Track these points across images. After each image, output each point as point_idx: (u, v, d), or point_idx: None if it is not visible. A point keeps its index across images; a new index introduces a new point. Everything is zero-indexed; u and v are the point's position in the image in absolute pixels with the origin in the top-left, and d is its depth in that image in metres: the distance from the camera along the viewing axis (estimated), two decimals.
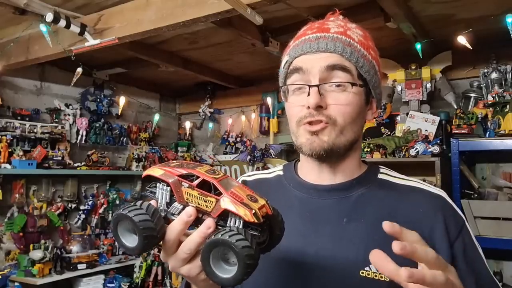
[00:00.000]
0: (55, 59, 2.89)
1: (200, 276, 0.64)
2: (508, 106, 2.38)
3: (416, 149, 2.54)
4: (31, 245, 2.99)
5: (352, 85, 0.80)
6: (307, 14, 2.28)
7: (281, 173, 0.98)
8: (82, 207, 3.60)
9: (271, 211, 0.63)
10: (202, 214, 0.63)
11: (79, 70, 2.72)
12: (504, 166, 2.77)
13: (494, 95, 2.54)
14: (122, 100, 3.69)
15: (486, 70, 2.66)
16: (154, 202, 0.66)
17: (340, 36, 0.82)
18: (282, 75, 0.90)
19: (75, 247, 3.34)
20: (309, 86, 0.80)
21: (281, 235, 0.68)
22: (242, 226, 0.59)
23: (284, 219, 0.68)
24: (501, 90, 2.57)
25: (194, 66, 3.49)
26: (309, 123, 0.81)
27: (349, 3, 2.29)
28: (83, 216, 3.59)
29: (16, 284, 2.95)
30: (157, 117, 4.25)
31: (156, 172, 0.66)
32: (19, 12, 2.37)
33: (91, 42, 2.36)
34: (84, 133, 3.61)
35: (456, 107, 2.79)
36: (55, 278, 3.02)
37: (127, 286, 3.47)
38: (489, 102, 2.55)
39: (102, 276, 3.41)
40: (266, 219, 0.61)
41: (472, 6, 2.30)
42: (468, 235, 0.83)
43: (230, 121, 4.22)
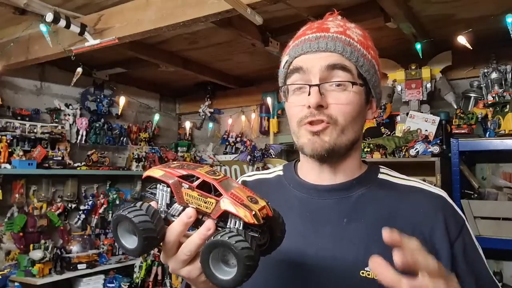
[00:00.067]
0: (55, 59, 2.89)
1: (200, 277, 0.64)
2: (508, 106, 2.37)
3: (416, 149, 2.54)
4: (31, 245, 2.99)
5: (353, 84, 0.80)
6: (307, 14, 2.28)
7: (281, 173, 0.98)
8: (82, 207, 3.60)
9: (272, 213, 0.62)
10: (202, 216, 0.63)
11: (79, 70, 2.72)
12: (504, 166, 2.77)
13: (494, 95, 2.54)
14: (122, 100, 3.70)
15: (486, 70, 2.66)
16: (154, 203, 0.65)
17: (340, 35, 0.82)
18: (282, 75, 0.90)
19: (75, 247, 3.34)
20: (309, 86, 0.80)
21: (282, 237, 0.67)
22: (242, 228, 0.59)
23: (284, 219, 0.67)
24: (501, 90, 2.56)
25: (194, 66, 3.49)
26: (310, 124, 0.81)
27: (349, 3, 2.29)
28: (83, 216, 3.59)
29: (16, 284, 2.95)
30: (157, 117, 4.25)
31: (156, 173, 0.66)
32: (19, 12, 2.36)
33: (91, 42, 2.35)
34: (84, 133, 3.61)
35: (456, 107, 2.79)
36: (55, 278, 3.02)
37: (127, 286, 3.47)
38: (489, 102, 2.55)
39: (102, 276, 3.40)
40: (266, 220, 0.61)
41: (472, 6, 2.30)
42: (469, 235, 0.83)
43: (230, 121, 4.22)
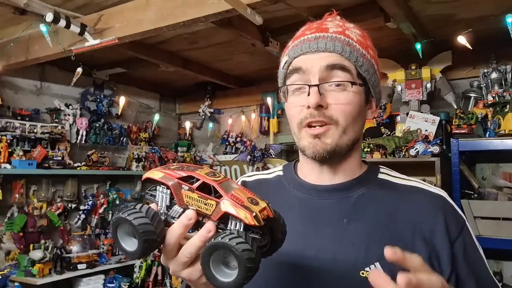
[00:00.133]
0: (55, 59, 2.89)
1: (201, 279, 0.64)
2: (508, 106, 2.37)
3: (416, 149, 2.54)
4: (31, 245, 2.99)
5: (352, 84, 0.80)
6: (307, 14, 2.28)
7: (281, 173, 0.98)
8: (82, 207, 3.60)
9: (273, 214, 0.62)
10: (203, 217, 0.62)
11: (79, 70, 2.72)
12: (504, 166, 2.77)
13: (494, 95, 2.54)
14: (122, 100, 3.69)
15: (486, 70, 2.66)
16: (154, 205, 0.65)
17: (339, 35, 0.82)
18: (281, 76, 0.90)
19: (75, 247, 3.34)
20: (309, 86, 0.80)
21: (282, 238, 0.67)
22: (243, 229, 0.59)
23: (284, 220, 0.67)
24: (501, 90, 2.56)
25: (194, 66, 3.48)
26: (309, 126, 0.81)
27: (349, 3, 2.29)
28: (83, 216, 3.59)
29: (16, 284, 2.95)
30: (157, 117, 4.25)
31: (155, 175, 0.65)
32: (19, 12, 2.36)
33: (91, 42, 2.35)
34: (84, 133, 3.61)
35: (456, 107, 2.79)
36: (55, 278, 3.01)
37: (127, 286, 3.47)
38: (489, 102, 2.55)
39: (102, 276, 3.40)
40: (267, 222, 0.60)
41: (472, 6, 2.30)
42: (469, 235, 0.83)
43: (230, 121, 4.22)
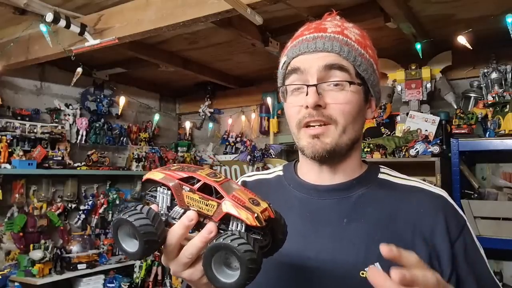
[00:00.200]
0: (55, 59, 2.89)
1: (202, 280, 0.64)
2: (508, 106, 2.37)
3: (416, 149, 2.54)
4: (31, 245, 2.99)
5: (350, 83, 0.80)
6: (307, 14, 2.28)
7: (281, 173, 0.98)
8: (82, 207, 3.60)
9: (274, 215, 0.62)
10: (204, 218, 0.62)
11: (79, 70, 2.71)
12: (504, 166, 2.77)
13: (494, 95, 2.54)
14: (122, 100, 3.69)
15: (486, 70, 2.66)
16: (154, 206, 0.65)
17: (337, 35, 0.82)
18: (280, 76, 0.90)
19: (75, 247, 3.34)
20: (307, 86, 0.80)
21: (283, 238, 0.67)
22: (244, 230, 0.59)
23: (284, 219, 0.67)
24: (501, 90, 2.56)
25: (194, 66, 3.48)
26: (307, 126, 0.82)
27: (349, 3, 2.29)
28: (83, 216, 3.58)
29: (16, 284, 2.95)
30: (157, 117, 4.25)
31: (156, 176, 0.65)
32: (19, 12, 2.36)
33: (91, 42, 2.35)
34: (84, 133, 3.61)
35: (456, 107, 2.79)
36: (55, 278, 3.01)
37: (127, 286, 3.47)
38: (489, 102, 2.55)
39: (102, 276, 3.40)
40: (268, 222, 0.60)
41: (472, 6, 2.30)
42: (470, 235, 0.82)
43: (230, 121, 4.22)
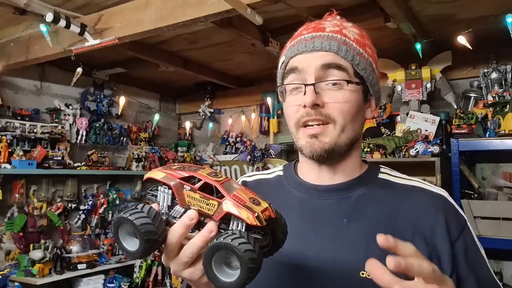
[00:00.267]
0: (55, 59, 2.89)
1: (202, 279, 0.64)
2: (508, 106, 2.37)
3: (416, 149, 2.54)
4: (31, 245, 2.99)
5: (348, 82, 0.80)
6: (307, 14, 2.28)
7: (281, 173, 0.98)
8: (82, 207, 3.59)
9: (274, 214, 0.62)
10: (204, 218, 0.62)
11: (79, 70, 2.71)
12: (504, 166, 2.77)
13: (494, 95, 2.54)
14: (122, 100, 3.69)
15: (486, 70, 2.66)
16: (155, 205, 0.65)
17: (335, 35, 0.82)
18: (279, 76, 0.90)
19: (75, 247, 3.33)
20: (305, 85, 0.80)
21: (284, 238, 0.67)
22: (245, 230, 0.59)
23: (285, 219, 0.67)
24: (501, 90, 2.56)
25: (194, 66, 3.48)
26: (305, 126, 0.82)
27: (349, 3, 2.29)
28: (83, 216, 3.58)
29: (16, 284, 2.95)
30: (157, 117, 4.25)
31: (157, 175, 0.65)
32: (19, 12, 2.36)
33: (91, 42, 2.35)
34: (84, 133, 3.61)
35: (456, 107, 2.79)
36: (55, 278, 3.01)
37: (127, 286, 3.47)
38: (489, 102, 2.55)
39: (102, 276, 3.40)
40: (269, 222, 0.60)
41: (472, 6, 2.30)
42: (470, 235, 0.82)
43: (230, 121, 4.22)
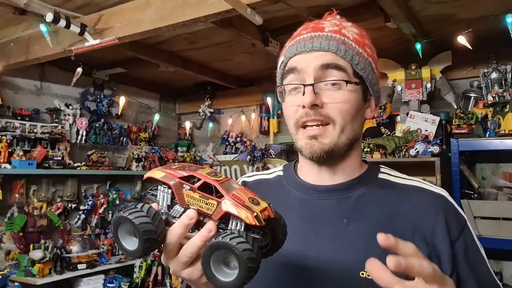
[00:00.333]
0: (55, 59, 2.89)
1: (201, 279, 0.64)
2: (508, 106, 2.37)
3: (416, 149, 2.54)
4: (31, 245, 2.99)
5: (347, 82, 0.80)
6: (307, 14, 2.27)
7: (281, 173, 0.98)
8: (82, 207, 3.59)
9: (273, 214, 0.62)
10: (204, 217, 0.62)
11: (79, 70, 2.71)
12: (504, 166, 2.77)
13: (494, 95, 2.54)
14: (122, 100, 3.70)
15: (486, 70, 2.66)
16: (155, 204, 0.65)
17: (334, 34, 0.82)
18: (278, 76, 0.90)
19: (75, 247, 3.33)
20: (304, 86, 0.80)
21: (283, 238, 0.67)
22: (244, 229, 0.59)
23: (284, 219, 0.67)
24: (501, 90, 2.56)
25: (194, 66, 3.48)
26: (305, 127, 0.82)
27: (349, 3, 2.29)
28: (83, 216, 3.58)
29: (16, 284, 2.95)
30: (157, 117, 4.25)
31: (157, 175, 0.65)
32: (19, 12, 2.36)
33: (91, 42, 2.35)
34: (84, 133, 3.61)
35: (456, 107, 2.79)
36: (55, 278, 3.01)
37: (127, 286, 3.46)
38: (489, 102, 2.55)
39: (102, 276, 3.40)
40: (268, 222, 0.60)
41: (472, 6, 2.30)
42: (470, 235, 0.82)
43: (230, 121, 4.22)
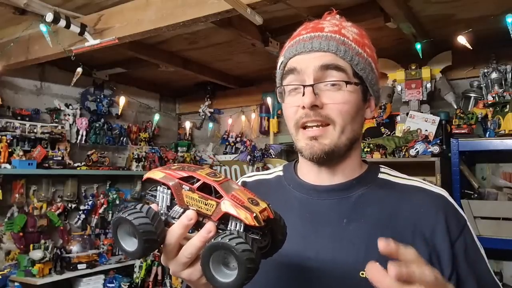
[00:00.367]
0: (55, 59, 2.89)
1: (201, 280, 0.63)
2: (508, 106, 2.37)
3: (416, 149, 2.54)
4: (31, 245, 2.99)
5: (347, 83, 0.80)
6: (307, 14, 2.27)
7: (281, 173, 0.98)
8: (82, 207, 3.60)
9: (273, 215, 0.62)
10: (203, 218, 0.62)
11: (79, 70, 2.71)
12: (504, 166, 2.77)
13: (494, 95, 2.54)
14: (122, 100, 3.70)
15: (486, 70, 2.66)
16: (154, 205, 0.65)
17: (334, 35, 0.82)
18: (278, 76, 0.89)
19: (75, 247, 3.34)
20: (303, 86, 0.80)
21: (283, 239, 0.66)
22: (243, 230, 0.58)
23: (284, 219, 0.67)
24: (501, 90, 2.56)
25: (194, 66, 3.48)
26: (304, 128, 0.82)
27: (349, 3, 2.29)
28: (83, 216, 3.58)
29: (16, 284, 2.95)
30: (157, 117, 4.25)
31: (156, 175, 0.65)
32: (19, 12, 2.36)
33: (91, 42, 2.35)
34: (84, 133, 3.61)
35: (456, 107, 2.79)
36: (55, 278, 3.01)
37: (127, 286, 3.47)
38: (489, 102, 2.54)
39: (102, 276, 3.40)
40: (267, 222, 0.60)
41: (472, 6, 2.30)
42: (470, 235, 0.82)
43: (230, 121, 4.22)
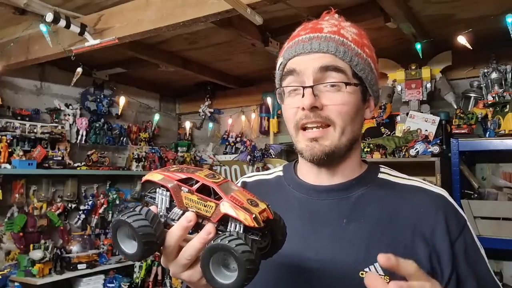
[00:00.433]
0: (55, 59, 2.89)
1: (201, 281, 0.63)
2: (508, 106, 2.37)
3: (416, 149, 2.54)
4: (31, 245, 2.99)
5: (346, 84, 0.80)
6: (307, 14, 2.27)
7: (281, 173, 0.98)
8: (82, 207, 3.60)
9: (272, 216, 0.62)
10: (202, 219, 0.62)
11: (79, 70, 2.71)
12: (504, 166, 2.77)
13: (494, 95, 2.54)
14: (122, 100, 3.70)
15: (486, 70, 2.65)
16: (153, 207, 0.65)
17: (333, 35, 0.81)
18: (277, 77, 0.89)
19: (75, 247, 3.34)
20: (303, 88, 0.80)
21: (283, 240, 0.67)
22: (243, 231, 0.58)
23: (284, 220, 0.67)
24: (501, 90, 2.56)
25: (194, 66, 3.48)
26: (304, 129, 0.82)
27: (349, 3, 2.29)
28: (83, 216, 3.58)
29: (16, 284, 2.95)
30: (157, 117, 4.25)
31: (155, 177, 0.65)
32: (19, 12, 2.36)
33: (91, 42, 2.35)
34: (84, 133, 3.61)
35: (456, 107, 2.79)
36: (55, 278, 3.02)
37: (127, 286, 3.47)
38: (489, 102, 2.54)
39: (102, 276, 3.41)
40: (267, 223, 0.60)
41: (472, 6, 2.30)
42: (470, 235, 0.82)
43: (230, 121, 4.22)
